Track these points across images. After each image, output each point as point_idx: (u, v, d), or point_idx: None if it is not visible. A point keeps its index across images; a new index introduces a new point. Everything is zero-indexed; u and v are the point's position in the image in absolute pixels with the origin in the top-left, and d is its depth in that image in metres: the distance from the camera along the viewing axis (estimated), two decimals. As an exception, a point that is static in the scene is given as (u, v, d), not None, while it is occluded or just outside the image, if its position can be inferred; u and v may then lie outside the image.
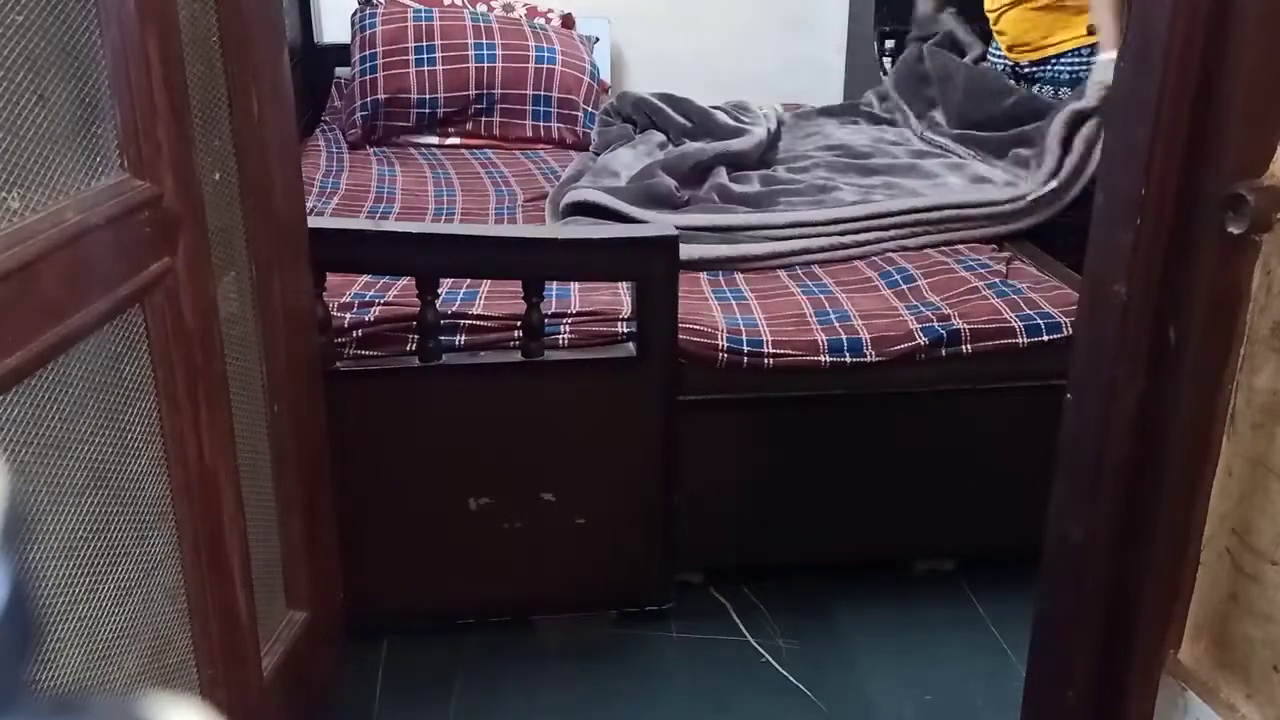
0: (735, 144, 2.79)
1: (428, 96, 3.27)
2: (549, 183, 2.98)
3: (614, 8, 3.84)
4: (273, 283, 1.50)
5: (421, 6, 3.45)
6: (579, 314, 2.02)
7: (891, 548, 2.21)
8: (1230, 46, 1.10)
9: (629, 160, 2.75)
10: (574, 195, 2.43)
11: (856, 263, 2.43)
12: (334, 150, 3.23)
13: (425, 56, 3.29)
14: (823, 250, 2.41)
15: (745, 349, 2.00)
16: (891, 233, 2.46)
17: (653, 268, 1.88)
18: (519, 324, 1.92)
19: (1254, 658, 1.20)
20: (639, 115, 3.16)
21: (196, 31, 1.28)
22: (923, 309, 2.14)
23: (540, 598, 2.07)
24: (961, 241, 2.48)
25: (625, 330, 1.98)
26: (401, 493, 1.94)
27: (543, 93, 3.33)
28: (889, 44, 3.62)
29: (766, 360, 2.00)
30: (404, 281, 2.07)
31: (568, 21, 3.68)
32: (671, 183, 2.52)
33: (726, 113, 3.08)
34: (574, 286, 2.12)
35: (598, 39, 3.66)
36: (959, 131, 2.91)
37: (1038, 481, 1.43)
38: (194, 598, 1.29)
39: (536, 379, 1.93)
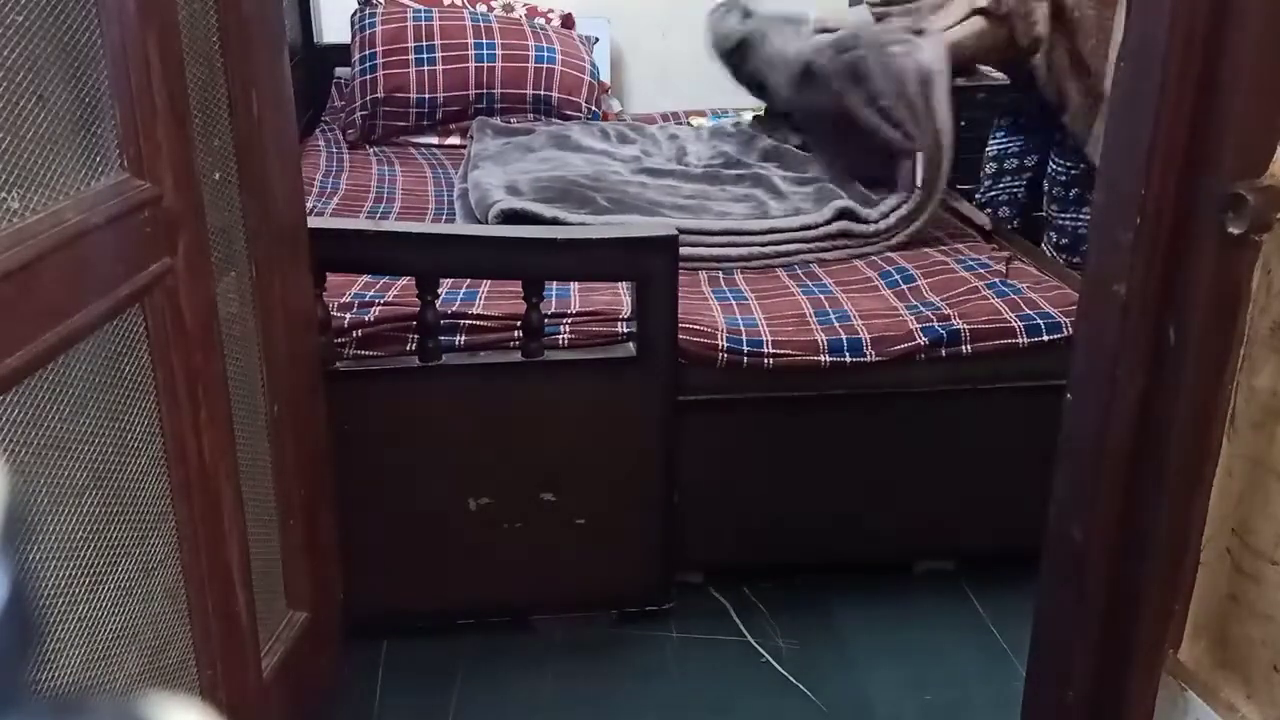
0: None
1: (427, 96, 3.27)
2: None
3: (614, 8, 3.84)
4: (273, 283, 1.50)
5: (421, 6, 3.45)
6: (579, 314, 2.02)
7: (891, 548, 2.21)
8: (1230, 46, 1.10)
9: (523, 168, 2.71)
10: (505, 205, 2.36)
11: (856, 263, 2.43)
12: (334, 150, 3.23)
13: (425, 56, 3.29)
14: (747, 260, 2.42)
15: (745, 349, 2.01)
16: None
17: (653, 268, 1.88)
18: (519, 324, 1.92)
19: (1254, 658, 1.20)
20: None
21: (196, 32, 1.28)
22: (923, 309, 2.14)
23: (540, 598, 2.07)
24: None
25: (625, 330, 1.98)
26: (401, 493, 1.94)
27: (543, 93, 3.33)
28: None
29: (766, 360, 2.00)
30: (404, 281, 2.07)
31: (568, 21, 3.68)
32: (592, 189, 2.50)
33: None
34: (574, 286, 2.12)
35: (597, 39, 3.67)
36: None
37: (1038, 481, 1.43)
38: (194, 598, 1.29)
39: (536, 379, 1.93)
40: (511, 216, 2.32)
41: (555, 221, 2.29)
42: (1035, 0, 2.54)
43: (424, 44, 3.30)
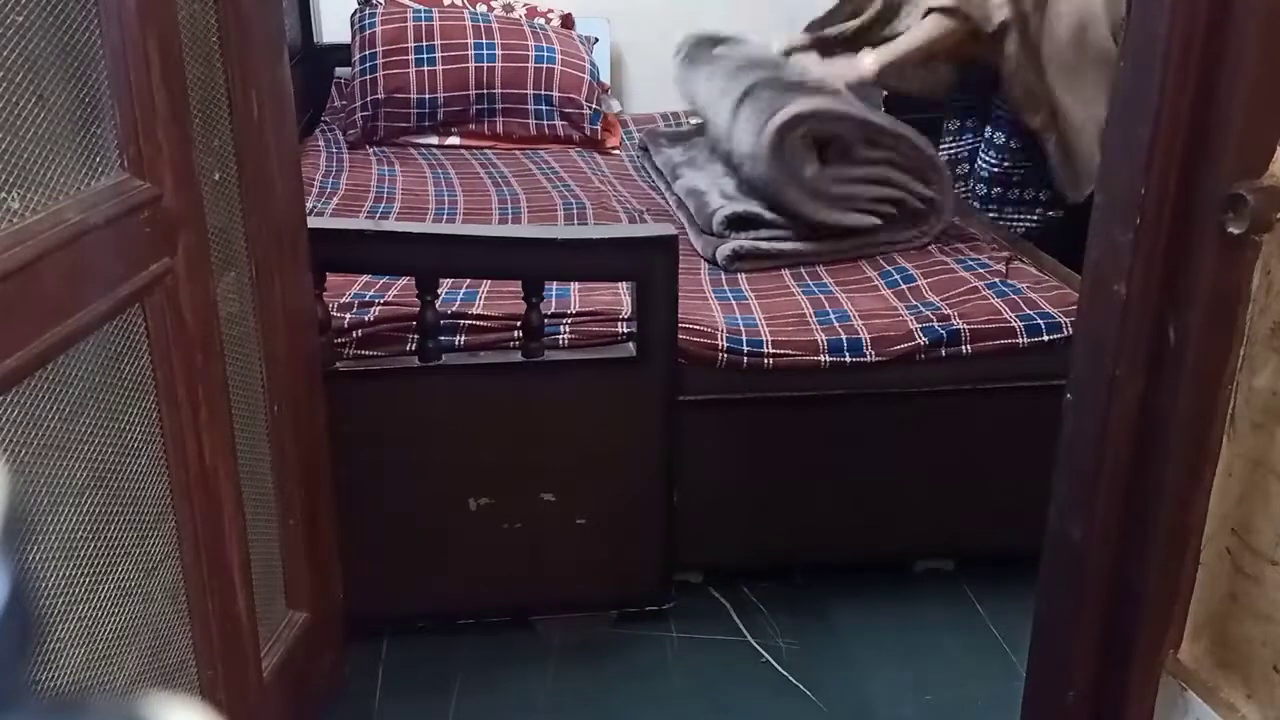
0: None
1: (427, 96, 3.27)
2: (549, 182, 2.98)
3: (614, 8, 3.83)
4: (273, 283, 1.50)
5: (421, 6, 3.45)
6: (579, 314, 2.02)
7: (891, 548, 2.21)
8: (1230, 46, 1.10)
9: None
10: (728, 210, 2.40)
11: (856, 262, 2.43)
12: (334, 150, 3.23)
13: (425, 56, 3.29)
14: None
15: (745, 349, 2.00)
16: None
17: (653, 268, 1.88)
18: (519, 324, 1.92)
19: (1254, 658, 1.20)
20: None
21: (196, 32, 1.28)
22: (923, 309, 2.14)
23: (540, 598, 2.07)
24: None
25: (625, 330, 1.98)
26: (401, 493, 1.94)
27: (543, 92, 3.33)
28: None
29: (766, 360, 2.01)
30: (404, 281, 2.07)
31: (567, 21, 3.67)
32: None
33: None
34: (574, 286, 2.12)
35: (597, 39, 3.66)
36: None
37: (1037, 481, 1.43)
38: (194, 598, 1.29)
39: (536, 379, 1.93)
40: (735, 221, 2.40)
41: (774, 224, 2.39)
42: None
43: (424, 44, 3.30)
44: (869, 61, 2.57)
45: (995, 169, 2.80)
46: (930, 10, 2.56)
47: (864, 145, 2.37)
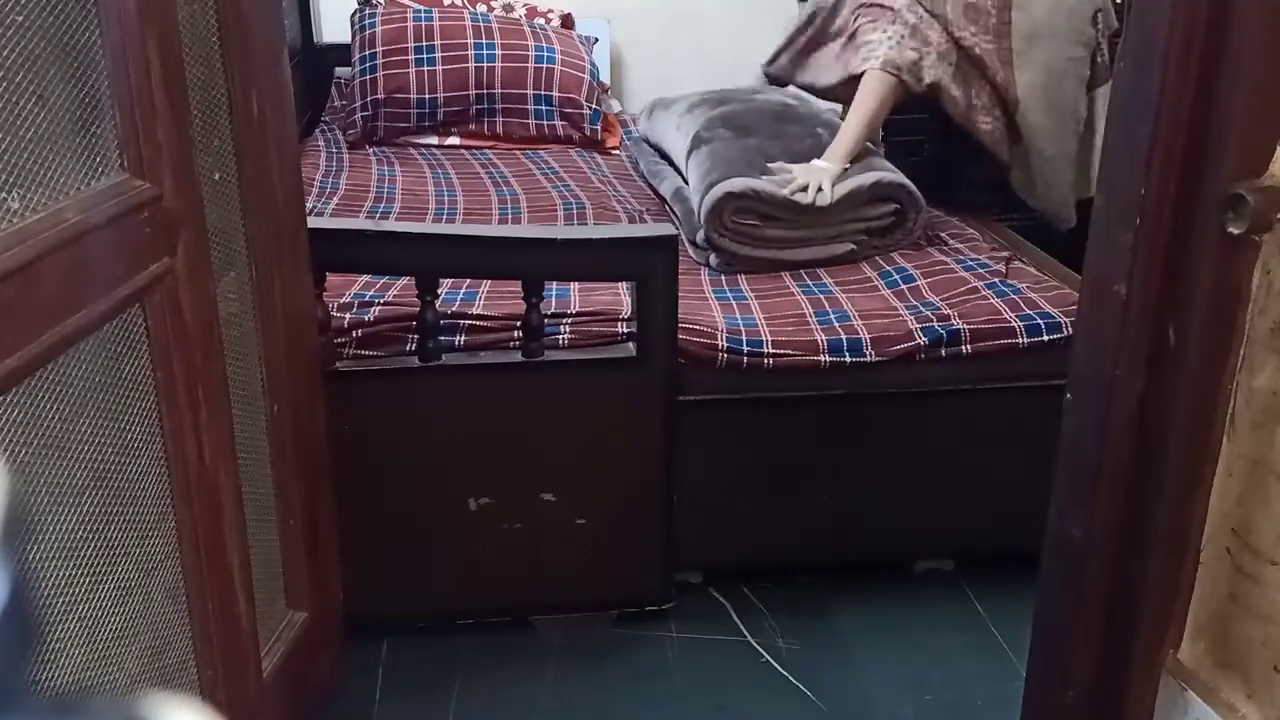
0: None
1: (427, 96, 3.27)
2: (549, 182, 2.98)
3: (614, 8, 3.83)
4: (273, 283, 1.50)
5: (421, 6, 3.45)
6: (579, 314, 2.02)
7: (891, 548, 2.21)
8: (1230, 46, 1.10)
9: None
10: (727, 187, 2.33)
11: (856, 263, 2.43)
12: (334, 150, 3.23)
13: (425, 56, 3.29)
14: None
15: (745, 349, 2.01)
16: None
17: (653, 268, 1.88)
18: (519, 324, 1.92)
19: (1254, 658, 1.20)
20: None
21: (196, 32, 1.28)
22: (922, 309, 2.14)
23: (540, 598, 2.07)
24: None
25: (625, 330, 1.98)
26: (402, 493, 1.94)
27: (543, 92, 3.33)
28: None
29: (766, 360, 2.01)
30: (404, 281, 2.07)
31: (567, 21, 3.67)
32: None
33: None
34: (574, 286, 2.12)
35: (597, 39, 3.66)
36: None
37: (1038, 481, 1.43)
38: (194, 598, 1.29)
39: (536, 379, 1.93)
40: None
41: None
42: (923, 46, 2.46)
43: (424, 44, 3.30)
44: (826, 185, 2.38)
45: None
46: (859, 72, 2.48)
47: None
